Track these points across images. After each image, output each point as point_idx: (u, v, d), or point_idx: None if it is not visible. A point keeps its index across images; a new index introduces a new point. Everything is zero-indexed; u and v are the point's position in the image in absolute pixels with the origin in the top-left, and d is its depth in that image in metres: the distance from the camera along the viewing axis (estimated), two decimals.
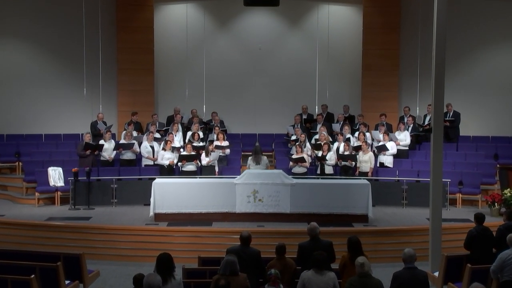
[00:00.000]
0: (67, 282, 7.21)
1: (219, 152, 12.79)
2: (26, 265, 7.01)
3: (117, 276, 8.95)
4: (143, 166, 12.94)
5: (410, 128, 13.93)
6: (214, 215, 10.78)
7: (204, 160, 12.47)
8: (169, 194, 10.80)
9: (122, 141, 13.19)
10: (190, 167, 12.37)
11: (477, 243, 7.48)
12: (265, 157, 12.27)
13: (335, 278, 6.02)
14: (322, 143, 12.80)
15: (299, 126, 14.28)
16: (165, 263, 5.59)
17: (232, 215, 10.78)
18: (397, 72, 15.75)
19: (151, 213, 10.74)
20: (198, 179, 11.79)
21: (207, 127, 14.75)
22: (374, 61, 15.57)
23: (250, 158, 12.18)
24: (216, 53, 16.05)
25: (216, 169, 12.59)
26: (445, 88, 8.60)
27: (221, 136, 13.21)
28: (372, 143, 13.49)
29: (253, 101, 16.15)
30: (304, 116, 15.17)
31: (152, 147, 12.95)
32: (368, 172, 12.45)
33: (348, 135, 13.53)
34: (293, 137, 13.78)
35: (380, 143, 13.10)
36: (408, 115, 14.29)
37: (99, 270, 8.19)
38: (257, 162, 11.95)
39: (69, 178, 11.96)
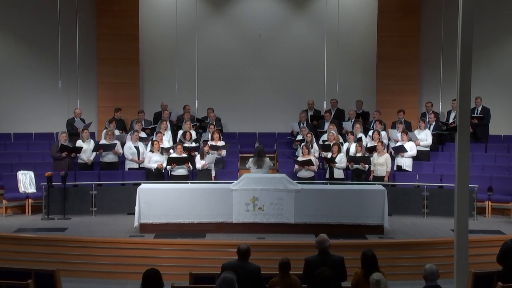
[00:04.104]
0: None
1: (215, 154, 12.77)
2: None
3: None
4: (126, 169, 12.93)
5: (431, 127, 13.93)
6: (208, 225, 10.75)
7: (199, 163, 12.45)
8: (157, 202, 10.76)
9: (103, 141, 13.17)
10: (180, 171, 12.35)
11: None
12: (268, 159, 12.22)
13: None
14: (331, 144, 12.79)
15: (305, 125, 14.27)
16: (152, 281, 5.57)
17: (228, 226, 10.75)
18: (417, 63, 15.76)
19: (136, 224, 10.71)
20: (189, 184, 11.77)
21: (201, 125, 14.74)
22: (391, 50, 15.57)
23: (251, 160, 12.12)
24: (210, 41, 16.05)
25: (213, 173, 12.59)
26: (472, 80, 8.54)
27: (216, 135, 13.20)
28: (388, 144, 13.49)
29: (253, 96, 16.15)
30: (310, 113, 15.17)
31: (137, 148, 12.93)
32: (383, 177, 12.44)
33: (360, 134, 13.53)
34: (299, 137, 13.77)
35: (398, 144, 13.09)
36: (430, 112, 14.28)
37: None
38: (259, 165, 11.87)
39: (41, 184, 11.93)
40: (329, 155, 12.66)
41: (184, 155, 12.46)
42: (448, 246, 9.53)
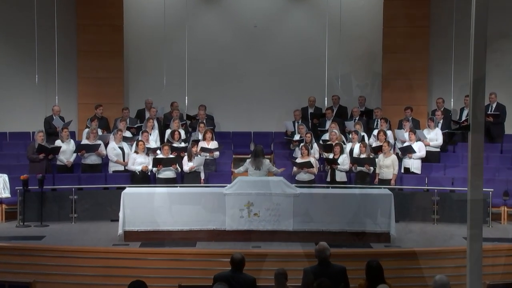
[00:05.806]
0: None
1: (205, 156, 12.76)
2: None
3: None
4: (110, 172, 12.92)
5: (440, 125, 13.93)
6: (199, 233, 10.75)
7: (186, 165, 12.44)
8: (143, 207, 10.76)
9: (85, 141, 13.14)
10: (167, 173, 12.35)
11: None
12: (268, 161, 12.20)
13: None
14: (333, 144, 12.79)
15: (301, 123, 14.25)
16: None
17: (221, 233, 10.76)
18: (426, 56, 15.77)
19: (120, 231, 10.70)
20: (178, 188, 11.77)
21: (192, 124, 14.71)
22: (398, 42, 15.59)
23: (248, 161, 12.12)
24: (201, 32, 16.04)
25: (202, 176, 12.59)
26: (487, 75, 8.55)
27: (208, 135, 13.19)
28: (395, 144, 13.50)
29: (248, 92, 16.15)
30: (311, 110, 15.18)
31: (122, 149, 12.91)
32: (390, 180, 12.46)
33: (362, 134, 13.53)
34: (297, 137, 13.77)
35: (405, 144, 13.11)
36: (441, 109, 14.30)
37: None
38: (257, 167, 11.87)
39: (16, 188, 11.91)
40: (330, 156, 12.66)
41: (171, 156, 12.45)
42: (460, 255, 9.52)
